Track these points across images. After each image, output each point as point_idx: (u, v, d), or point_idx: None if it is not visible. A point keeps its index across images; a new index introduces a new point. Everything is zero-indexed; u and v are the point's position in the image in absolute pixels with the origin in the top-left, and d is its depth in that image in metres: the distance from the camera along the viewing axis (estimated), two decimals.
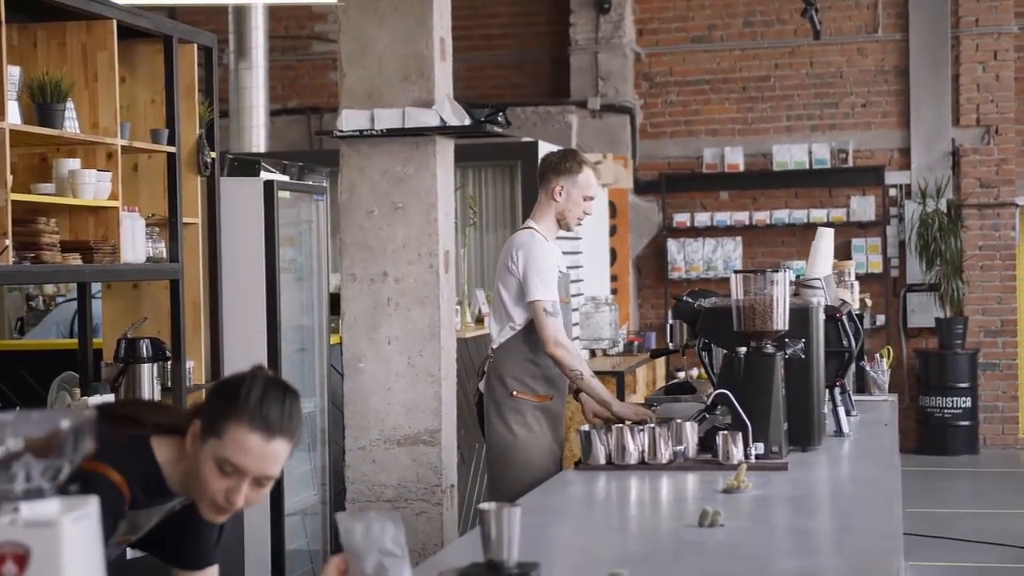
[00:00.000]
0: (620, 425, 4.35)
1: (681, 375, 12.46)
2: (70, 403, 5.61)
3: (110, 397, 5.19)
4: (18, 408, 5.21)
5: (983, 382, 12.68)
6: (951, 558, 8.49)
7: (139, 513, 2.71)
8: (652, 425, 4.32)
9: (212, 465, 2.59)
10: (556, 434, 5.45)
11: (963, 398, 12.42)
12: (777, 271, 4.42)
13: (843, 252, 12.51)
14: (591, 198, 5.48)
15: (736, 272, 4.47)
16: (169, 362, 5.72)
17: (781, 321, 4.40)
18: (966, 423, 12.46)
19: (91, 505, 1.77)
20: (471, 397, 7.54)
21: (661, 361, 11.67)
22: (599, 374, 9.41)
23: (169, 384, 5.72)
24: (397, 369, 5.76)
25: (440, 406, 5.83)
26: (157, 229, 5.74)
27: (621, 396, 9.35)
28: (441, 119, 5.80)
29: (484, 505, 2.71)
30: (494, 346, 5.46)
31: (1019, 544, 8.71)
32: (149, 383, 5.49)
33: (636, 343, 11.36)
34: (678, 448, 4.30)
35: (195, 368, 6.00)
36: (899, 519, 3.50)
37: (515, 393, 5.35)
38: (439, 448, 5.79)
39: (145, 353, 5.50)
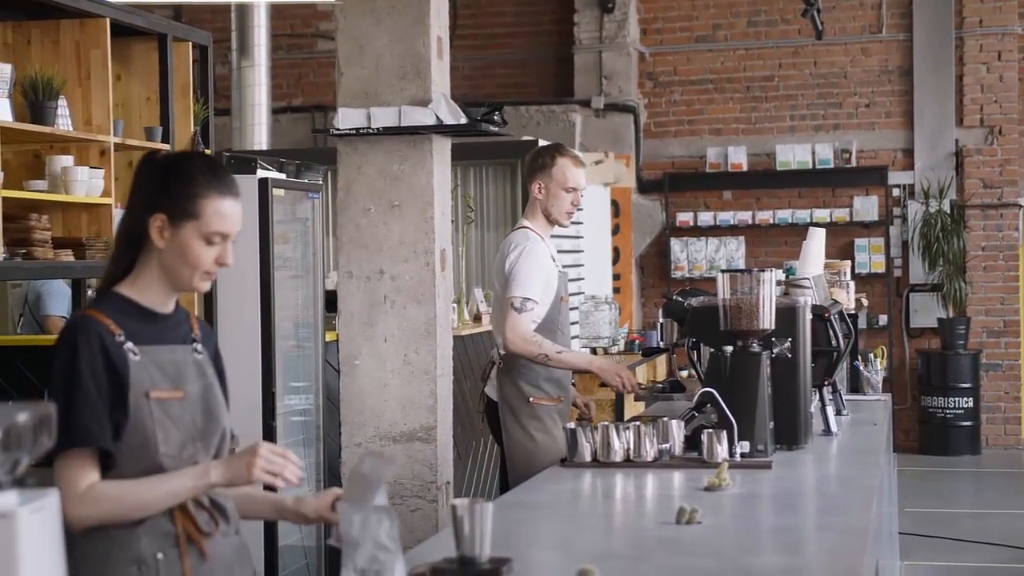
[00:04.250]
0: (606, 423, 4.36)
1: (684, 374, 12.49)
2: None
3: None
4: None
5: (985, 383, 12.68)
6: (951, 558, 8.50)
7: (151, 349, 2.86)
8: (638, 424, 4.33)
9: (198, 242, 2.83)
10: None
11: (965, 398, 12.42)
12: (764, 271, 4.43)
13: (846, 252, 12.52)
14: (573, 189, 5.38)
15: (723, 271, 4.47)
16: None
17: (767, 320, 4.41)
18: (968, 423, 12.46)
19: (50, 497, 1.79)
20: (467, 395, 7.57)
21: (663, 359, 11.69)
22: None
23: None
24: (393, 366, 5.78)
25: (436, 403, 5.85)
26: None
27: (620, 395, 9.35)
28: (437, 118, 5.81)
29: (456, 501, 2.74)
30: (502, 351, 5.35)
31: (1019, 544, 8.71)
32: None
33: (638, 342, 11.37)
34: (663, 446, 4.31)
35: None
36: (874, 517, 3.51)
37: (532, 400, 5.28)
38: (435, 445, 5.81)
39: None
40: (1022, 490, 11.31)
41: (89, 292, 6.24)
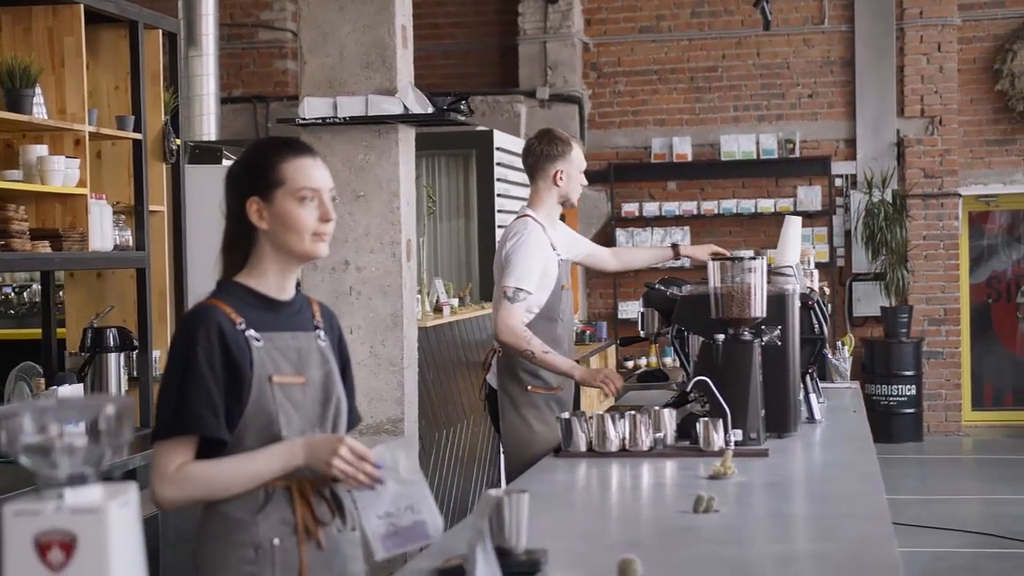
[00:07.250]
0: (601, 413, 4.34)
1: (629, 364, 12.53)
2: (28, 394, 5.54)
3: (79, 386, 5.12)
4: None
5: (927, 370, 12.83)
6: (903, 544, 8.57)
7: (273, 335, 2.89)
8: (633, 413, 4.31)
9: (293, 205, 2.88)
10: None
11: (908, 386, 12.56)
12: (755, 258, 4.44)
13: None
14: (584, 169, 5.52)
15: (714, 259, 4.47)
16: (136, 351, 5.65)
17: (759, 308, 4.42)
18: (911, 410, 12.60)
19: (132, 492, 1.74)
20: (430, 386, 7.53)
21: (612, 350, 11.72)
22: None
23: (136, 374, 5.66)
24: (359, 358, 5.74)
25: (403, 395, 5.81)
26: (123, 217, 5.68)
27: (576, 388, 9.34)
28: (404, 107, 5.77)
29: (493, 491, 2.70)
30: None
31: (965, 528, 8.82)
32: (116, 372, 5.42)
33: (588, 332, 11.41)
34: (657, 435, 4.30)
35: (161, 357, 5.93)
36: (886, 504, 3.54)
37: (530, 388, 5.23)
38: (402, 437, 5.77)
39: (112, 342, 5.43)
40: (965, 476, 11.46)
41: None
